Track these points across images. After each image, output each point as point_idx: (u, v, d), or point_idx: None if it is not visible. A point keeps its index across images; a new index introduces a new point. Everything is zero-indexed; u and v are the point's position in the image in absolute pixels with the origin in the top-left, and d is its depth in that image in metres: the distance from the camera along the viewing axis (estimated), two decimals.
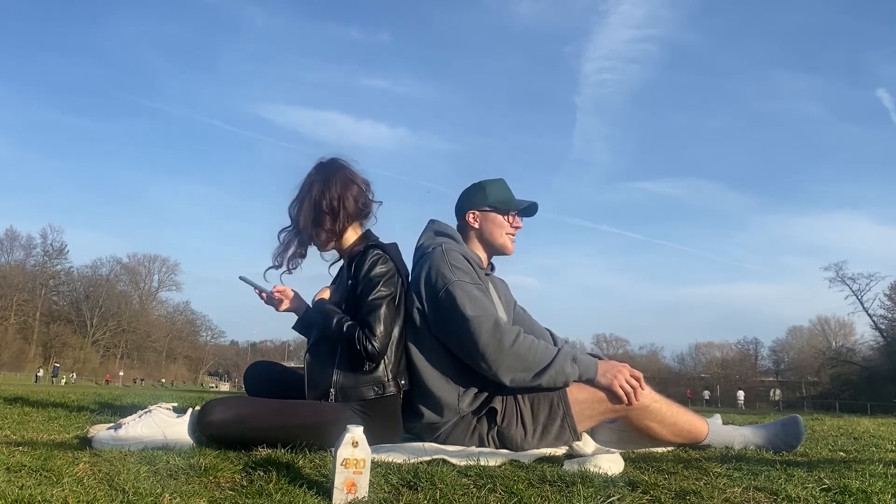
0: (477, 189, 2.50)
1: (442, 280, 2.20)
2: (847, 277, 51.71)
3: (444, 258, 2.25)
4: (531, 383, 2.12)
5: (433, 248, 2.32)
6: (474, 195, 2.49)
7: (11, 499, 1.31)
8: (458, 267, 2.24)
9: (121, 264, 75.32)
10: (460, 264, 2.25)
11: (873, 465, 1.97)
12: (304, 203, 2.29)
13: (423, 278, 2.24)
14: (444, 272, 2.21)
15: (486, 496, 1.53)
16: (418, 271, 2.28)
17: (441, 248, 2.30)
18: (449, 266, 2.23)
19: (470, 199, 2.49)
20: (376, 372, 2.13)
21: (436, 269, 2.23)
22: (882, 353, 50.53)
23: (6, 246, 64.86)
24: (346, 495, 1.48)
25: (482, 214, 2.47)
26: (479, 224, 2.47)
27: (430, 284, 2.22)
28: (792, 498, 1.53)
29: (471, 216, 2.48)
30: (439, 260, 2.25)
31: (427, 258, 2.29)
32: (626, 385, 2.13)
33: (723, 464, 1.93)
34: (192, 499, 1.42)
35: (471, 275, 2.25)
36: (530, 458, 2.01)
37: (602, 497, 1.50)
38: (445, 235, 2.42)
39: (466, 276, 2.23)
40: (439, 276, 2.21)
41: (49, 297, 67.58)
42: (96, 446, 1.99)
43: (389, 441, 2.10)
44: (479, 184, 2.51)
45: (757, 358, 70.23)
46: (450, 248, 2.30)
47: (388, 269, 2.19)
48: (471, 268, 2.28)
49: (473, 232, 2.48)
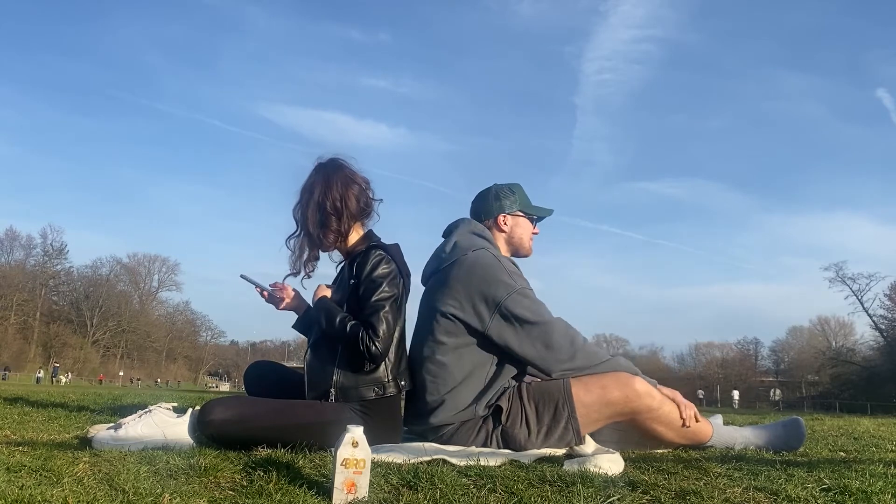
0: (508, 192, 2.48)
1: (505, 287, 2.19)
2: (847, 277, 51.74)
3: (500, 264, 2.25)
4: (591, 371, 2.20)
5: (476, 250, 2.28)
6: (506, 198, 2.47)
7: (11, 499, 1.31)
8: (516, 273, 2.26)
9: (121, 264, 75.42)
10: (516, 271, 2.27)
11: (873, 465, 1.97)
12: (308, 206, 2.28)
13: (477, 282, 2.20)
14: (503, 279, 2.20)
15: (486, 496, 1.53)
16: (460, 272, 2.24)
17: (489, 252, 2.29)
18: (507, 273, 2.23)
19: (500, 202, 2.46)
20: (377, 372, 2.13)
21: (493, 275, 2.21)
22: (882, 353, 50.51)
23: (6, 246, 64.96)
24: (346, 495, 1.47)
25: (513, 218, 2.46)
26: (509, 228, 2.46)
27: (486, 290, 2.19)
28: (792, 498, 1.53)
29: (502, 219, 2.45)
30: (495, 265, 2.24)
31: (475, 261, 2.25)
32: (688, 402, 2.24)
33: (723, 464, 1.93)
34: (192, 499, 1.42)
35: (525, 280, 2.26)
36: (530, 458, 2.01)
37: (602, 497, 1.50)
38: (484, 238, 2.38)
39: (524, 281, 2.25)
40: (500, 284, 2.19)
41: (49, 297, 67.59)
42: (96, 446, 1.99)
43: (389, 441, 2.10)
44: (508, 187, 2.50)
45: (757, 358, 70.31)
46: (499, 254, 2.31)
47: (390, 270, 2.18)
48: (521, 273, 2.30)
49: (503, 235, 2.46)
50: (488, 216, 2.46)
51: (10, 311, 59.04)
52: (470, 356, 2.20)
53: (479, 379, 2.20)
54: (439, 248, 2.41)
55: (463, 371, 2.19)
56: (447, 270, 2.28)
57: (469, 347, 2.21)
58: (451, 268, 2.28)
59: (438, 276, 2.31)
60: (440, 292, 2.25)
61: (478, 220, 2.47)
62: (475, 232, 2.38)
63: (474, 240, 2.34)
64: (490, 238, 2.40)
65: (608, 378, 2.17)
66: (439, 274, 2.31)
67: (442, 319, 2.22)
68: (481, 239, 2.35)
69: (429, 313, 2.27)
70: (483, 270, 2.22)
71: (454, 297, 2.21)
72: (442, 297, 2.24)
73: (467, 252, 2.28)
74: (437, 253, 2.40)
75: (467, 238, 2.35)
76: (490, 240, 2.39)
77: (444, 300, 2.22)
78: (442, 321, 2.22)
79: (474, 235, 2.37)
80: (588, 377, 2.18)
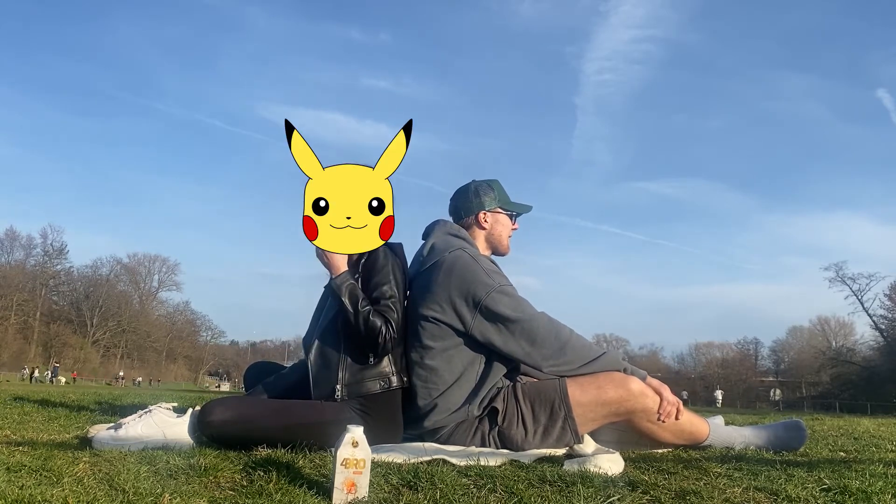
0: (488, 188, 2.46)
1: (484, 287, 2.18)
2: (847, 277, 51.68)
3: (477, 264, 2.24)
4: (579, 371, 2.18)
5: (453, 251, 2.28)
6: (485, 195, 2.45)
7: (11, 499, 1.31)
8: (495, 271, 2.26)
9: (121, 264, 75.28)
10: (494, 269, 2.26)
11: (873, 465, 1.97)
12: None
13: (456, 284, 2.20)
14: (482, 278, 2.20)
15: (486, 496, 1.53)
16: (438, 275, 2.24)
17: (467, 252, 2.28)
18: (485, 272, 2.22)
19: (480, 199, 2.44)
20: (381, 366, 2.15)
21: (471, 276, 2.21)
22: (882, 353, 50.49)
23: (6, 246, 64.86)
24: (346, 495, 1.48)
25: (493, 215, 2.45)
26: (490, 225, 2.45)
27: (466, 291, 2.19)
28: (792, 498, 1.53)
29: (482, 216, 2.44)
30: (473, 266, 2.23)
31: (453, 263, 2.25)
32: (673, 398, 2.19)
33: (723, 464, 1.93)
34: (192, 499, 1.42)
35: (505, 277, 2.26)
36: (530, 458, 2.01)
37: (602, 497, 1.50)
38: (460, 238, 2.37)
39: (504, 279, 2.24)
40: (478, 283, 2.19)
41: (49, 297, 67.53)
42: (96, 446, 1.99)
43: (390, 441, 2.10)
44: (487, 183, 2.48)
45: (757, 358, 70.21)
46: (476, 253, 2.30)
47: (399, 268, 2.23)
48: (500, 270, 2.29)
49: (483, 232, 2.45)
50: (468, 213, 2.45)
51: (10, 311, 59.00)
52: (459, 358, 2.21)
53: (470, 379, 2.20)
54: (418, 251, 2.43)
55: (453, 373, 2.19)
56: (426, 274, 2.28)
57: (457, 349, 2.21)
58: (429, 271, 2.28)
59: (418, 280, 2.31)
60: (421, 297, 2.25)
61: (457, 218, 2.48)
62: (451, 233, 2.39)
63: (451, 241, 2.34)
64: (466, 237, 2.40)
65: (604, 378, 2.18)
66: (419, 278, 2.31)
67: (426, 324, 2.22)
68: (458, 239, 2.35)
69: (413, 318, 2.26)
70: (461, 271, 2.22)
71: (435, 300, 2.21)
72: (423, 301, 2.24)
73: (445, 254, 2.28)
74: (416, 257, 2.42)
75: (443, 240, 2.35)
76: (467, 238, 2.39)
77: (426, 304, 2.23)
78: (426, 326, 2.22)
79: (450, 236, 2.37)
80: (584, 377, 2.18)
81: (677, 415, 2.19)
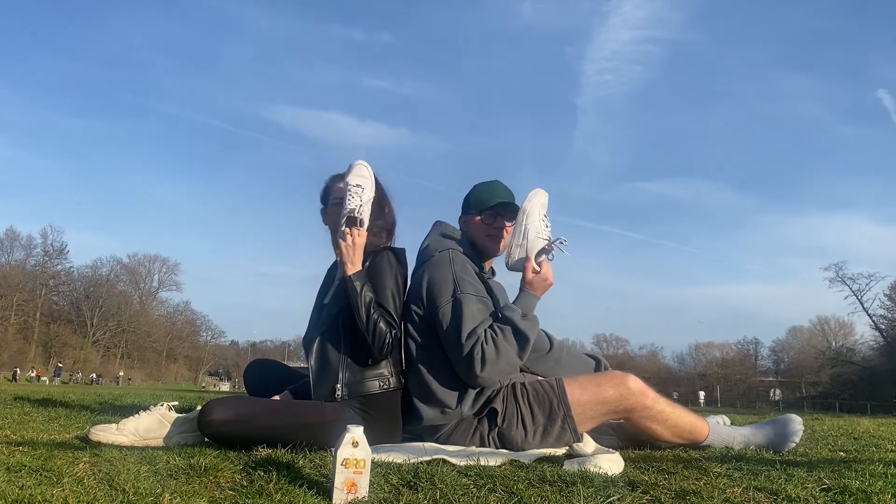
0: (470, 192, 2.54)
1: (447, 291, 2.20)
2: (847, 277, 51.61)
3: (451, 266, 2.26)
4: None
5: (438, 252, 2.32)
6: (466, 200, 2.53)
7: (11, 499, 1.31)
8: (464, 277, 2.24)
9: (121, 264, 75.24)
10: (466, 274, 2.26)
11: (873, 465, 1.97)
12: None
13: (427, 283, 2.25)
14: (448, 283, 2.21)
15: (486, 496, 1.53)
16: (422, 275, 2.28)
17: (448, 253, 2.30)
18: (455, 276, 2.23)
19: (464, 206, 2.53)
20: (380, 367, 2.17)
21: (441, 277, 2.23)
22: (882, 353, 50.45)
23: (6, 246, 64.83)
24: (346, 495, 1.48)
25: (467, 218, 2.50)
26: (467, 229, 2.49)
27: (434, 292, 2.22)
28: (792, 498, 1.54)
29: (462, 221, 2.51)
30: (445, 268, 2.25)
31: (432, 263, 2.29)
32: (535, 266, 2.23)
33: (723, 464, 1.93)
34: (192, 499, 1.42)
35: (475, 284, 2.25)
36: (530, 458, 2.01)
37: (602, 497, 1.50)
38: (451, 239, 2.40)
39: (471, 286, 2.23)
40: (444, 286, 2.21)
41: (49, 297, 67.49)
42: (96, 446, 1.99)
43: (389, 441, 2.10)
44: (475, 186, 2.54)
45: (757, 358, 70.22)
46: (456, 256, 2.31)
47: (400, 275, 2.27)
48: (475, 275, 2.29)
49: (466, 237, 2.48)
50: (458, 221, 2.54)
51: (10, 311, 58.99)
52: (439, 353, 2.21)
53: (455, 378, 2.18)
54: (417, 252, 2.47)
55: (439, 371, 2.19)
56: (415, 274, 2.35)
57: (437, 346, 2.22)
58: (417, 270, 2.35)
59: (411, 280, 2.36)
60: (409, 296, 2.31)
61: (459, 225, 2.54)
62: (443, 233, 2.44)
63: (441, 241, 2.39)
64: (459, 237, 2.44)
65: (603, 377, 2.21)
66: (411, 278, 2.36)
67: (412, 322, 2.27)
68: (448, 240, 2.40)
69: (405, 317, 2.30)
70: (433, 271, 2.26)
71: (419, 298, 2.26)
72: (410, 300, 2.30)
73: (434, 254, 2.33)
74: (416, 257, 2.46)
75: (436, 240, 2.41)
76: (459, 239, 2.43)
77: (413, 303, 2.28)
78: (413, 324, 2.27)
79: (442, 237, 2.42)
80: (583, 377, 2.20)
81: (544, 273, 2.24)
